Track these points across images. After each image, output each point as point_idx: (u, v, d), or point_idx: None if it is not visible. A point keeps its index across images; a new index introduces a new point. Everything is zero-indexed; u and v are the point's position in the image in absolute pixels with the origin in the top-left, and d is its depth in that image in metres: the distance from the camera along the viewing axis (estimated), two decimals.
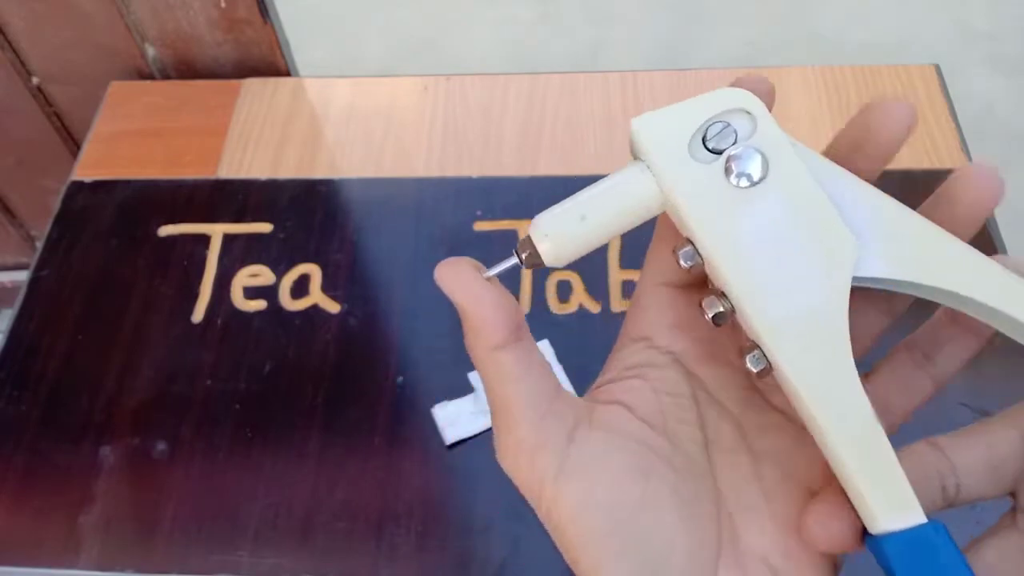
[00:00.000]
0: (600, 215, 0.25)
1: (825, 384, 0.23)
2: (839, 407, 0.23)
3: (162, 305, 0.59)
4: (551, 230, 0.25)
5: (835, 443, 0.23)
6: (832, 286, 0.23)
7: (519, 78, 0.71)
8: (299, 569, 0.48)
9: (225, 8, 0.71)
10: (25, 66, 0.79)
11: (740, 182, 0.24)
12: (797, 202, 0.24)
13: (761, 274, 0.23)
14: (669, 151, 0.25)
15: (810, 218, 0.24)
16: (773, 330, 0.23)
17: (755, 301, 0.23)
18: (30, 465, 0.53)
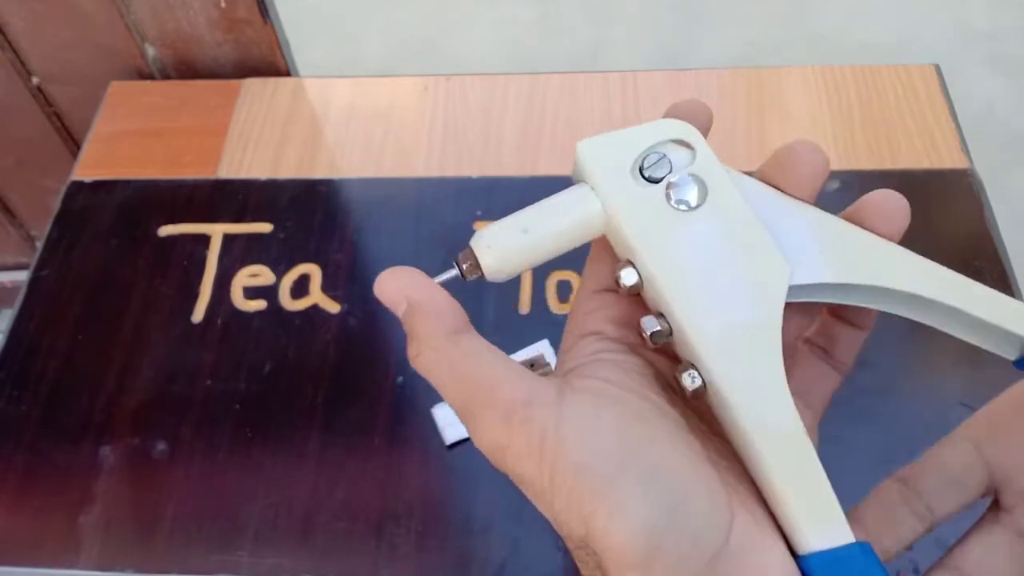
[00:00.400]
0: (542, 231, 0.26)
1: (758, 401, 0.23)
2: (771, 424, 0.23)
3: (162, 305, 0.59)
4: (493, 243, 0.26)
5: (765, 462, 0.23)
6: (766, 305, 0.24)
7: (519, 78, 0.71)
8: (299, 569, 0.48)
9: (225, 8, 0.71)
10: (25, 66, 0.79)
11: (679, 207, 0.25)
12: (733, 226, 0.25)
13: (699, 293, 0.24)
14: (613, 174, 0.25)
15: (745, 241, 0.25)
16: (709, 347, 0.24)
17: (692, 319, 0.24)
18: (30, 465, 0.53)
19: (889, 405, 0.51)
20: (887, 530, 0.30)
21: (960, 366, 0.53)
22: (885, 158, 0.63)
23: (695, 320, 0.24)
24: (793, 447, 0.24)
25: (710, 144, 0.27)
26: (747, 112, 0.67)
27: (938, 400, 0.52)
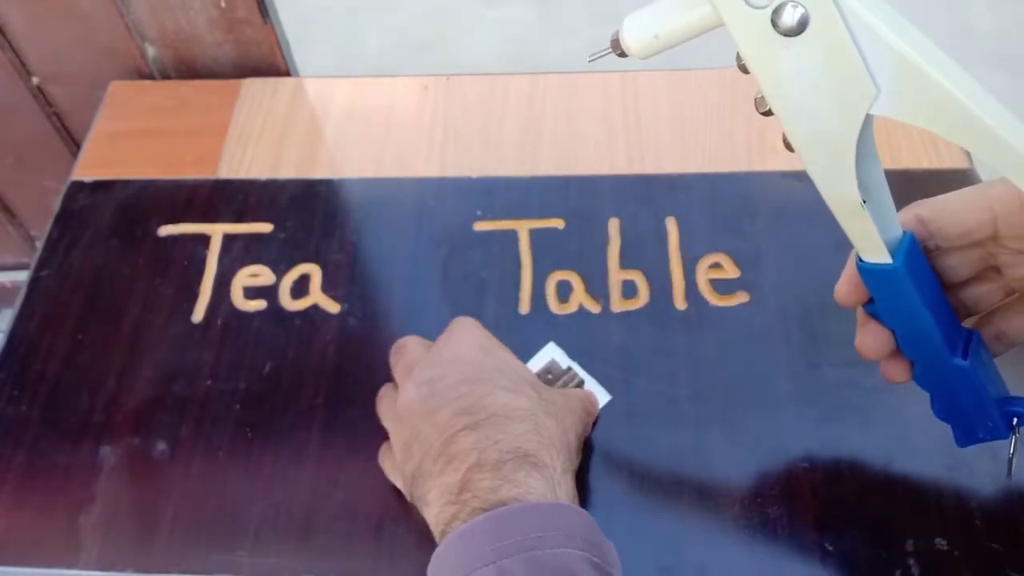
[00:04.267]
0: (670, 35, 0.32)
1: (829, 176, 0.33)
2: (836, 191, 0.34)
3: (162, 305, 0.59)
4: (632, 44, 0.33)
5: (834, 213, 0.35)
6: (849, 118, 0.31)
7: (519, 78, 0.71)
8: (299, 569, 0.48)
9: (225, 8, 0.71)
10: (25, 66, 0.79)
11: (783, 32, 0.30)
12: (830, 54, 0.30)
13: (795, 103, 0.31)
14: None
15: (840, 68, 0.30)
16: (800, 140, 0.32)
17: (788, 121, 0.32)
18: (30, 465, 0.53)
19: (889, 405, 0.51)
20: None
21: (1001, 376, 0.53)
22: (885, 158, 0.63)
23: (790, 124, 0.32)
24: (852, 209, 0.34)
25: None
26: (747, 112, 0.67)
27: None
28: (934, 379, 0.39)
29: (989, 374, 0.40)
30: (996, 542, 0.46)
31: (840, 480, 0.49)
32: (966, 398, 0.39)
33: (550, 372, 0.53)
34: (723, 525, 0.48)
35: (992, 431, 0.41)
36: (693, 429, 0.51)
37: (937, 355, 0.38)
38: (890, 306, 0.37)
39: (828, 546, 0.47)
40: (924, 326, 0.37)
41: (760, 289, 0.57)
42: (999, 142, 0.30)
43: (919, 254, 0.36)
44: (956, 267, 0.38)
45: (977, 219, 0.36)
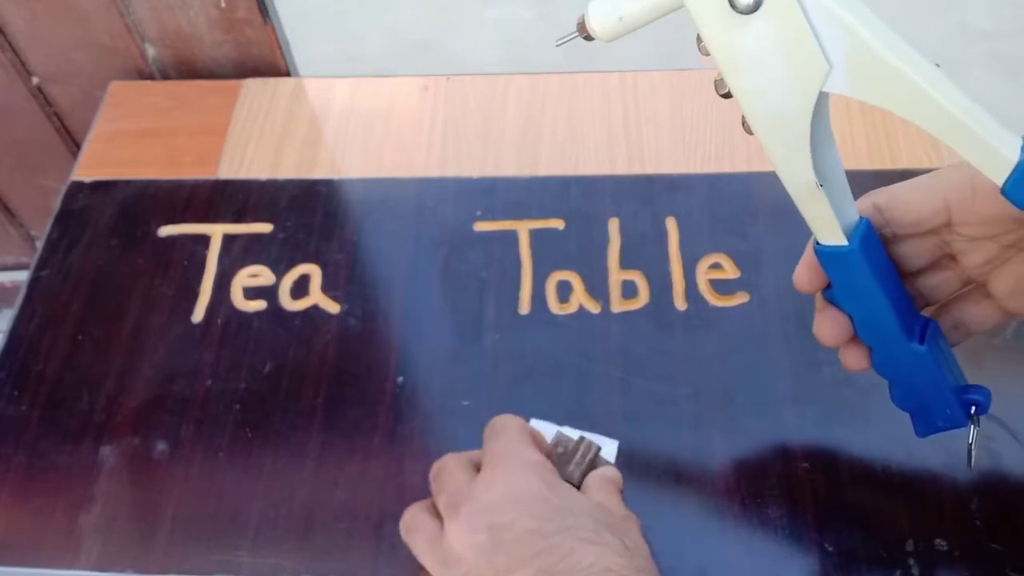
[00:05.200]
0: (634, 17, 0.33)
1: (786, 158, 0.34)
2: (793, 172, 0.34)
3: (162, 305, 0.59)
4: (596, 25, 0.34)
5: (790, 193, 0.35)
6: (803, 95, 0.32)
7: (519, 78, 0.71)
8: (299, 569, 0.48)
9: (225, 8, 0.71)
10: (25, 66, 0.79)
11: (740, 10, 0.31)
12: (785, 31, 0.31)
13: (752, 84, 0.32)
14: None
15: (794, 45, 0.31)
16: (757, 120, 0.33)
17: (746, 100, 0.33)
18: (30, 465, 0.53)
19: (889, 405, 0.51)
20: None
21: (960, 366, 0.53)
22: (885, 158, 0.63)
23: (747, 101, 0.33)
24: (806, 188, 0.34)
25: None
26: None
27: None
28: (891, 365, 0.40)
29: (947, 362, 0.40)
30: (996, 542, 0.46)
31: (840, 480, 0.49)
32: (923, 385, 0.39)
33: (561, 446, 0.47)
34: (723, 525, 0.48)
35: (950, 419, 0.41)
36: (693, 429, 0.51)
37: (894, 340, 0.38)
38: (847, 290, 0.37)
39: (828, 546, 0.47)
40: (880, 310, 0.37)
41: (760, 289, 0.57)
42: (951, 120, 0.31)
43: (875, 239, 0.37)
44: (912, 255, 0.39)
45: (930, 207, 0.37)
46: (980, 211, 0.36)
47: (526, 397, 0.53)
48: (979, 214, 0.36)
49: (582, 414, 0.52)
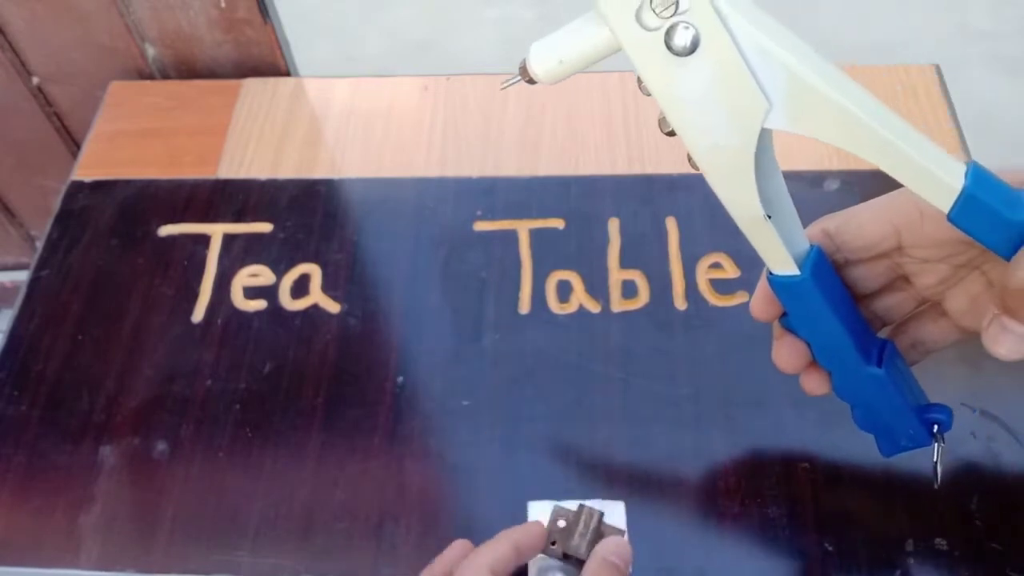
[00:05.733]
0: (574, 61, 0.34)
1: (732, 192, 0.34)
2: (739, 207, 0.34)
3: (162, 305, 0.59)
4: (539, 70, 0.35)
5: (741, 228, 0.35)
6: (745, 133, 0.32)
7: None
8: (299, 569, 0.48)
9: (225, 8, 0.71)
10: (25, 66, 0.79)
11: (676, 52, 0.31)
12: (722, 71, 0.31)
13: (693, 122, 0.32)
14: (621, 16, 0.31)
15: (732, 84, 0.31)
16: (701, 157, 0.33)
17: (689, 138, 0.33)
18: (30, 465, 0.53)
19: None
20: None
21: (960, 366, 0.53)
22: None
23: (690, 139, 0.33)
24: (756, 224, 0.35)
25: None
26: None
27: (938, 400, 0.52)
28: (851, 389, 0.40)
29: (906, 382, 0.41)
30: (996, 542, 0.46)
31: (840, 480, 0.49)
32: (884, 407, 0.40)
33: (562, 519, 0.44)
34: (723, 525, 0.48)
35: (914, 439, 0.41)
36: (693, 429, 0.51)
37: (852, 365, 0.38)
38: (801, 317, 0.38)
39: (828, 546, 0.47)
40: (836, 336, 0.37)
41: None
42: (895, 151, 0.31)
43: (827, 266, 0.37)
44: (865, 278, 0.39)
45: (879, 232, 0.37)
46: (929, 235, 0.36)
47: (526, 397, 0.53)
48: (928, 238, 0.36)
49: (582, 414, 0.52)
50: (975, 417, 0.51)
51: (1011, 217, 0.31)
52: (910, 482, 0.49)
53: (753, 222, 0.35)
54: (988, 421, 0.50)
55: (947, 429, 0.41)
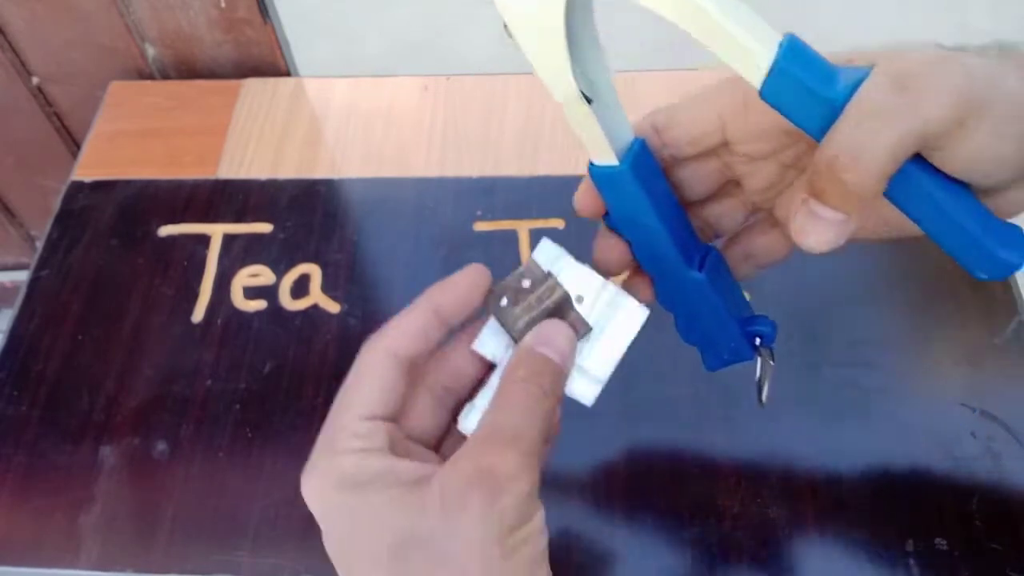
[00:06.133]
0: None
1: (544, 62, 0.31)
2: (552, 79, 0.31)
3: (162, 305, 0.59)
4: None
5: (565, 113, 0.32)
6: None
7: (519, 78, 0.71)
8: (299, 569, 0.48)
9: (225, 8, 0.71)
10: (25, 66, 0.79)
11: None
12: None
13: None
14: None
15: None
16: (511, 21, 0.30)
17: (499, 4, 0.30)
18: (30, 465, 0.53)
19: (889, 405, 0.51)
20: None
21: (960, 366, 0.53)
22: None
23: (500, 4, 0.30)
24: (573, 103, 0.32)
25: None
26: None
27: (938, 400, 0.52)
28: (672, 295, 0.38)
29: (731, 293, 0.38)
30: (996, 542, 0.46)
31: (840, 480, 0.49)
32: (705, 316, 0.38)
33: (527, 279, 0.37)
34: (723, 525, 0.48)
35: (736, 353, 0.39)
36: (693, 429, 0.51)
37: (672, 268, 0.36)
38: (621, 213, 0.35)
39: (829, 546, 0.47)
40: (655, 235, 0.35)
41: (760, 289, 0.57)
42: (707, 19, 0.28)
43: (650, 161, 0.35)
44: (694, 180, 0.37)
45: (704, 123, 0.35)
46: (753, 125, 0.34)
47: None
48: (753, 128, 0.34)
49: (582, 414, 0.52)
50: (975, 417, 0.51)
51: (823, 93, 0.29)
52: (910, 482, 0.49)
53: (570, 102, 0.32)
54: (988, 421, 0.50)
55: (770, 342, 0.39)
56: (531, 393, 0.32)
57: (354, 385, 0.33)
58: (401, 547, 0.30)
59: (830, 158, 0.29)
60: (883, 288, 0.56)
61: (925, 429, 0.50)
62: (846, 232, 0.30)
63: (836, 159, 0.28)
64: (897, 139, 0.28)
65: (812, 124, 0.30)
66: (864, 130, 0.28)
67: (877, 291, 0.56)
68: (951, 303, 0.55)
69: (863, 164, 0.28)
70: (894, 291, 0.56)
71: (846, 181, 0.28)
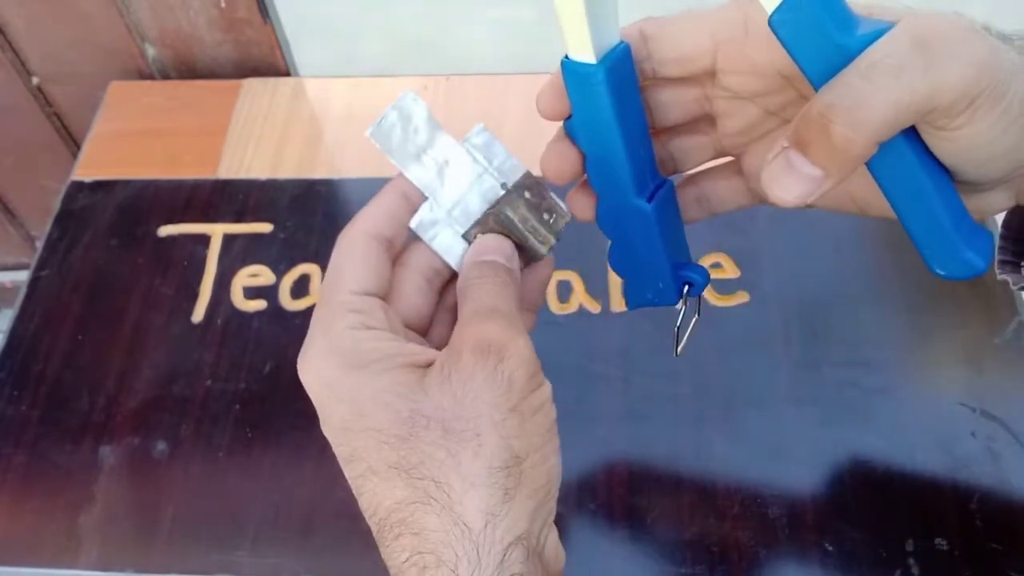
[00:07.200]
0: None
1: None
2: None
3: (162, 305, 0.59)
4: None
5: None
6: None
7: (519, 78, 0.71)
8: (299, 569, 0.48)
9: (225, 8, 0.71)
10: (25, 66, 0.79)
11: None
12: None
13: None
14: None
15: None
16: None
17: None
18: (30, 465, 0.53)
19: (889, 405, 0.51)
20: None
21: (960, 366, 0.53)
22: None
23: None
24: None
25: None
26: None
27: (938, 400, 0.52)
28: (613, 220, 0.36)
29: (673, 233, 0.36)
30: (996, 542, 0.46)
31: (840, 480, 0.49)
32: (642, 249, 0.36)
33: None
34: (723, 525, 0.48)
35: (661, 294, 0.37)
36: (693, 429, 0.51)
37: (621, 192, 0.34)
38: (583, 118, 0.33)
39: (828, 546, 0.47)
40: (613, 150, 0.33)
41: (760, 289, 0.57)
42: None
43: (630, 70, 0.33)
44: (669, 104, 0.34)
45: (697, 43, 0.32)
46: (749, 57, 0.32)
47: None
48: (747, 61, 0.32)
49: (582, 414, 0.52)
50: (975, 417, 0.51)
51: (838, 38, 0.27)
52: (910, 482, 0.49)
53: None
54: (988, 421, 0.50)
55: (698, 291, 0.37)
56: (492, 280, 0.33)
57: (340, 266, 0.33)
58: (408, 425, 0.29)
59: (825, 105, 0.27)
60: (883, 288, 0.56)
61: (925, 429, 0.50)
62: (818, 191, 0.28)
63: (831, 107, 0.26)
64: (904, 99, 0.26)
65: (816, 67, 0.28)
66: (870, 83, 0.26)
67: (877, 291, 0.56)
68: (951, 303, 0.55)
69: (858, 119, 0.26)
70: (894, 291, 0.56)
71: (835, 135, 0.27)
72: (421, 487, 0.28)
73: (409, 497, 0.28)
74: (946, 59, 0.26)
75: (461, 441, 0.29)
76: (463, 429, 0.29)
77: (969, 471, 0.49)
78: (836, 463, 0.50)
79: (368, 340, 0.31)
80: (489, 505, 0.28)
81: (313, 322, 0.32)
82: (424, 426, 0.29)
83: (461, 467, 0.28)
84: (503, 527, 0.28)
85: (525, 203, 0.36)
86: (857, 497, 0.49)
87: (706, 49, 0.32)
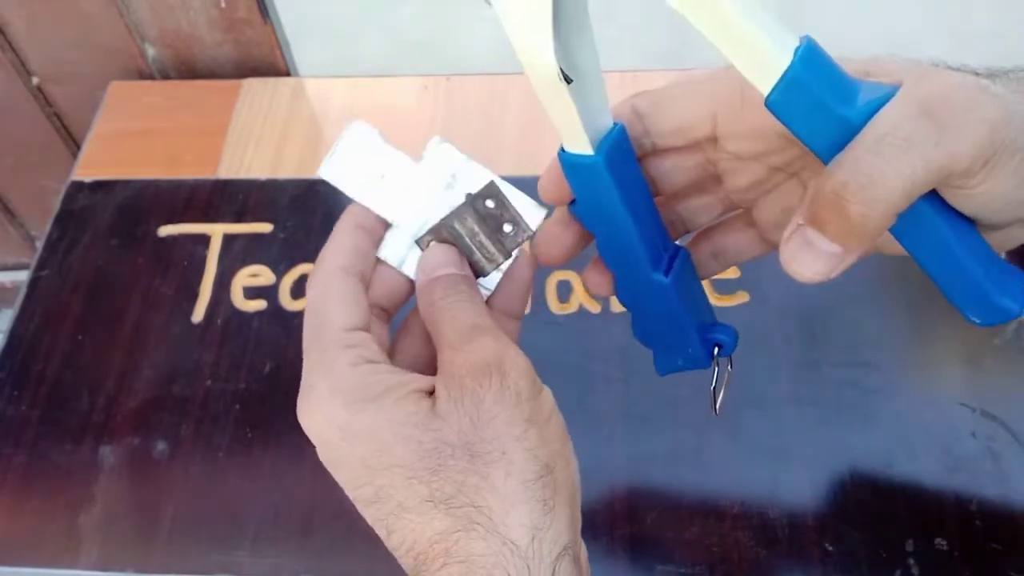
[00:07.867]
0: None
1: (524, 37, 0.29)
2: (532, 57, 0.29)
3: (162, 305, 0.59)
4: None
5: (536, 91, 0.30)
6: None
7: (519, 78, 0.70)
8: (299, 569, 0.48)
9: (225, 8, 0.71)
10: (25, 66, 0.79)
11: None
12: None
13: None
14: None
15: None
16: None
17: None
18: (30, 465, 0.53)
19: (889, 405, 0.51)
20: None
21: (960, 366, 0.53)
22: None
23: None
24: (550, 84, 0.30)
25: None
26: None
27: (938, 400, 0.52)
28: (632, 294, 0.35)
29: (694, 298, 0.36)
30: (996, 542, 0.46)
31: (840, 480, 0.49)
32: (665, 319, 0.35)
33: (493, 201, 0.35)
34: (722, 526, 0.48)
35: (692, 359, 0.37)
36: (693, 429, 0.51)
37: (637, 268, 0.34)
38: (588, 205, 0.33)
39: (828, 546, 0.47)
40: (623, 232, 0.32)
41: (760, 289, 0.57)
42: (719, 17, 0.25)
43: (628, 150, 0.32)
44: (673, 172, 0.34)
45: (695, 114, 0.32)
46: (748, 124, 0.31)
47: None
48: (747, 127, 0.31)
49: (582, 414, 0.52)
50: (975, 417, 0.51)
51: (839, 111, 0.26)
52: (910, 482, 0.49)
53: (548, 83, 0.29)
54: (988, 421, 0.50)
55: (729, 352, 0.36)
56: (455, 297, 0.33)
57: (323, 305, 0.32)
58: (435, 456, 0.29)
59: (838, 184, 0.26)
60: (883, 288, 0.56)
61: (925, 429, 0.50)
62: (840, 267, 0.28)
63: (845, 186, 0.26)
64: (919, 172, 0.25)
65: (820, 142, 0.27)
66: (882, 158, 0.25)
67: (877, 291, 0.56)
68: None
69: (874, 196, 0.25)
70: (894, 291, 0.56)
71: (851, 213, 0.26)
72: (462, 515, 0.28)
73: (451, 527, 0.28)
74: (957, 126, 0.25)
75: (489, 463, 0.28)
76: (489, 451, 0.28)
77: (969, 471, 0.49)
78: (836, 463, 0.50)
79: (372, 374, 0.30)
80: (532, 519, 0.28)
81: (308, 367, 0.31)
82: (450, 455, 0.29)
83: (496, 488, 0.28)
84: (549, 539, 0.28)
85: (477, 215, 0.35)
86: (857, 497, 0.49)
87: (704, 117, 0.32)
